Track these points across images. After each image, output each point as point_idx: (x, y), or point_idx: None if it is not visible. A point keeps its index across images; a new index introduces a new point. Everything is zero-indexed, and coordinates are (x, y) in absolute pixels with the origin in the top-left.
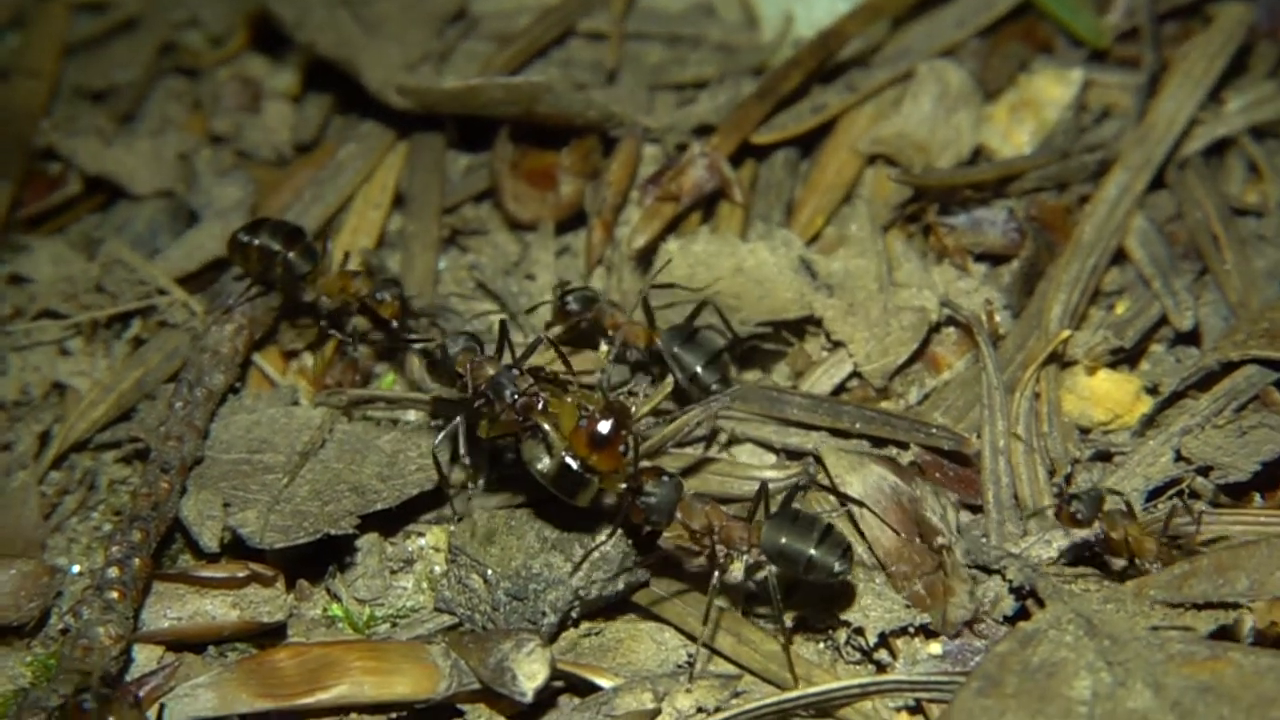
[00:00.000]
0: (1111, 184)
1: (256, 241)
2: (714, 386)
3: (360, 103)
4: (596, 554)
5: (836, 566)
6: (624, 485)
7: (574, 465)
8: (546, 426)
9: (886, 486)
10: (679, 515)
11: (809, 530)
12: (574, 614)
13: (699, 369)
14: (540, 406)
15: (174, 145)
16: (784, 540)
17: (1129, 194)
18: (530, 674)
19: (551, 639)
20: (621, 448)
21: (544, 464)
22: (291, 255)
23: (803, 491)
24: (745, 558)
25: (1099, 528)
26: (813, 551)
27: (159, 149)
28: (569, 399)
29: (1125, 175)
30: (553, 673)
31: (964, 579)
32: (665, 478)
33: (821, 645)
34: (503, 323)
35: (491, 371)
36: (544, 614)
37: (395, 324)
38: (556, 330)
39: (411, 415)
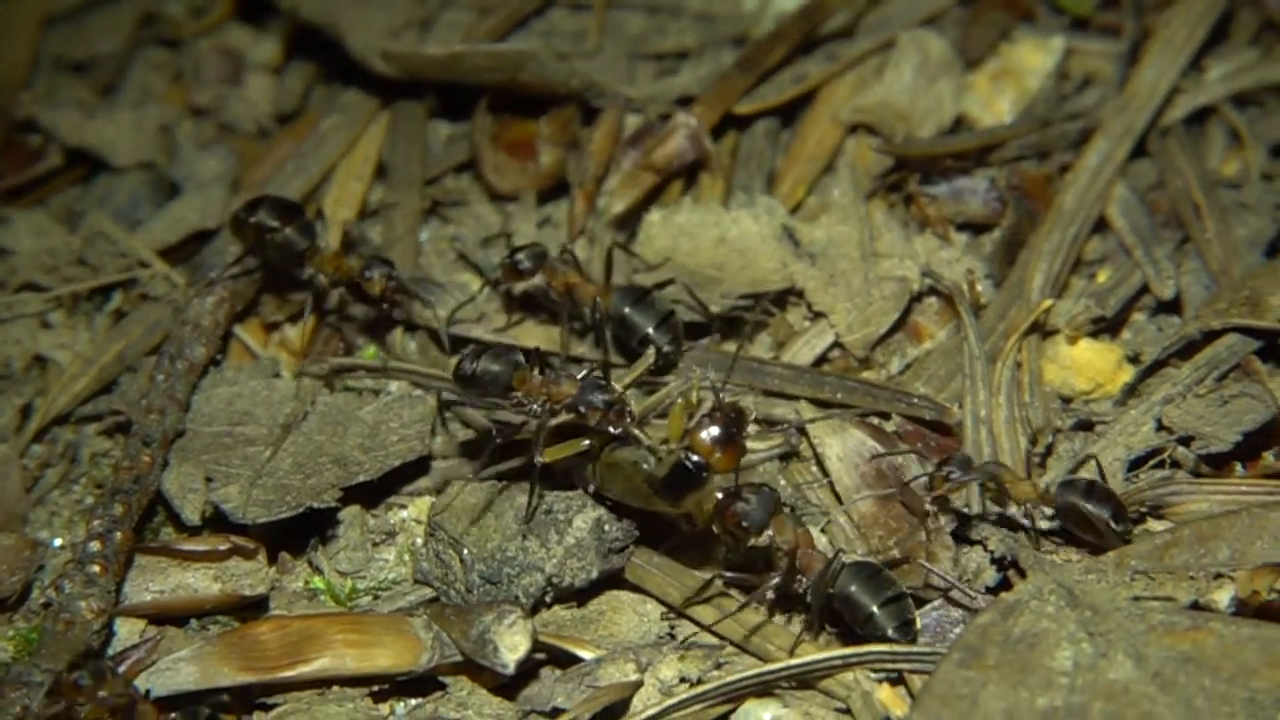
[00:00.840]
0: (1093, 153)
1: (253, 219)
2: (665, 348)
3: (342, 73)
4: (572, 540)
5: (892, 632)
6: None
7: (690, 466)
8: (640, 433)
9: (866, 451)
10: (770, 529)
11: (881, 589)
12: (547, 599)
13: (650, 330)
14: (632, 413)
15: (155, 117)
16: (854, 589)
17: (1110, 163)
18: (512, 646)
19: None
20: (741, 449)
21: (651, 464)
22: (288, 231)
23: (785, 461)
24: (807, 587)
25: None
26: (875, 610)
27: (140, 121)
28: (678, 404)
29: (1107, 144)
30: (534, 645)
31: (947, 545)
32: (764, 488)
33: (804, 616)
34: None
35: (570, 388)
36: (517, 598)
37: (384, 303)
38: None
39: (394, 386)
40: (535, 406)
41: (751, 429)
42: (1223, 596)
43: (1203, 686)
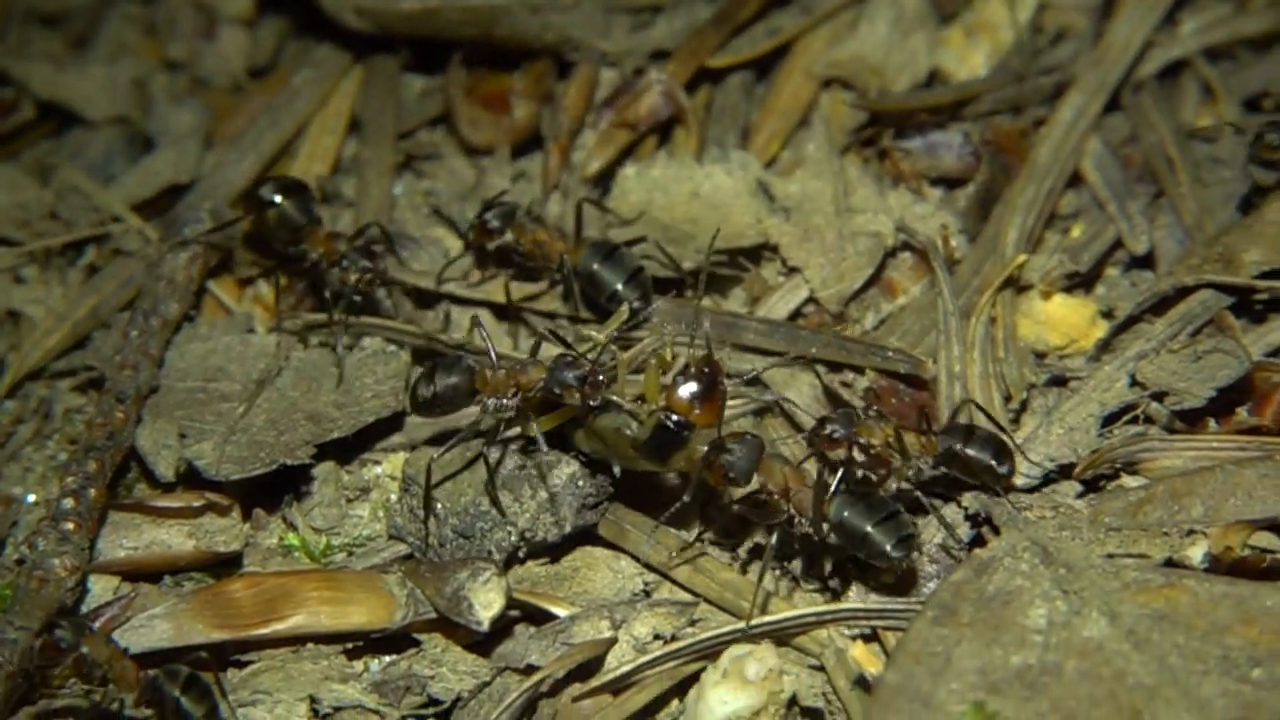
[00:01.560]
0: (1067, 107)
1: (259, 191)
2: (634, 304)
3: (315, 27)
4: (545, 495)
5: (890, 549)
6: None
7: (672, 425)
8: (620, 398)
9: (821, 398)
10: (759, 475)
11: (875, 510)
12: (520, 555)
13: (619, 286)
14: (609, 381)
15: (128, 71)
16: (847, 514)
17: (1085, 117)
18: (486, 603)
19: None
20: (721, 402)
21: (634, 428)
22: (287, 205)
23: (761, 416)
24: (808, 525)
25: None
26: (869, 529)
27: (113, 75)
28: (652, 364)
29: (1080, 98)
30: (509, 602)
31: (923, 504)
32: (748, 436)
33: (778, 574)
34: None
35: (538, 372)
36: (489, 553)
37: (356, 294)
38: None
39: (367, 342)
40: (506, 401)
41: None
42: (1196, 553)
43: (1176, 644)
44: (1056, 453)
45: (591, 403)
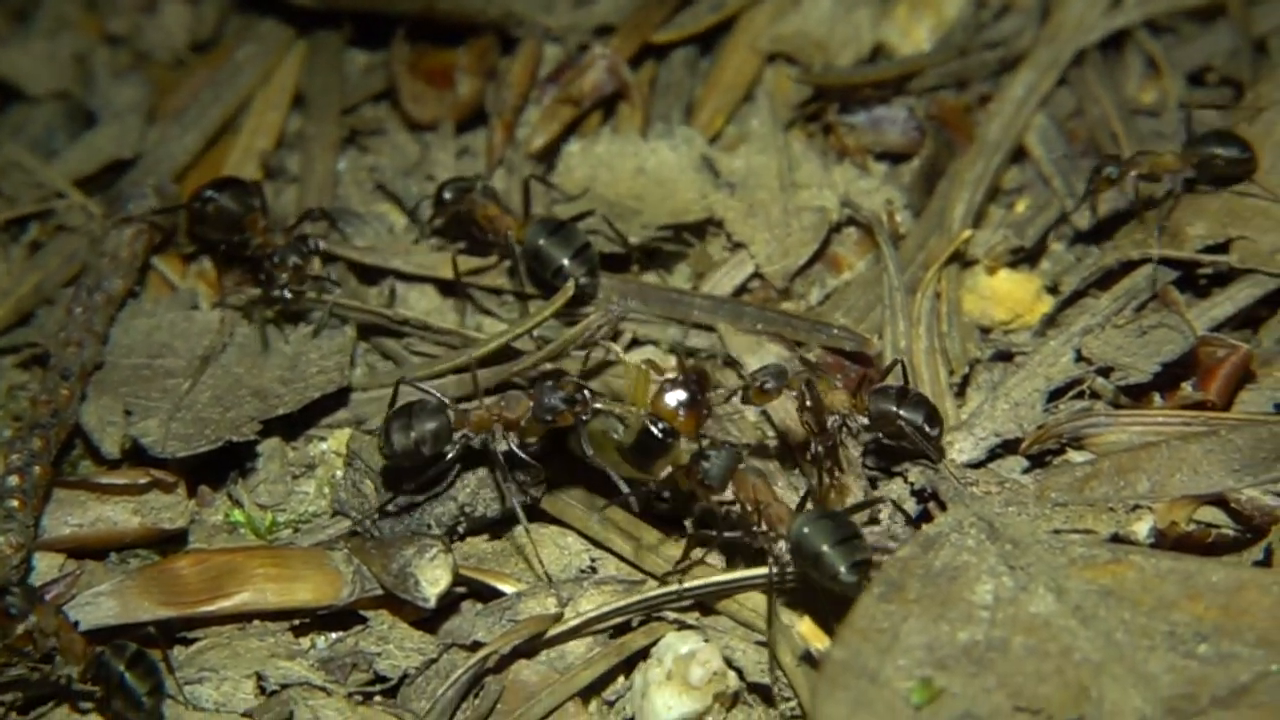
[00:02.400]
0: (1018, 84)
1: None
2: (581, 280)
3: (258, 1)
4: (485, 471)
5: (842, 571)
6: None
7: (656, 432)
8: (607, 406)
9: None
10: (733, 485)
11: (835, 531)
12: (460, 529)
13: (565, 262)
14: (592, 396)
15: (70, 45)
16: (807, 530)
17: (1035, 93)
18: (433, 580)
19: None
20: (705, 411)
21: (620, 434)
22: (222, 198)
23: (701, 376)
24: (772, 541)
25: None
26: (824, 548)
27: (54, 50)
28: (641, 370)
29: (1032, 75)
30: (455, 578)
31: (859, 476)
32: (729, 445)
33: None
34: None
35: (524, 406)
36: (429, 527)
37: (288, 291)
38: (437, 222)
39: (314, 317)
40: (485, 437)
41: (670, 360)
42: (1142, 528)
43: (1123, 620)
44: (1002, 428)
45: (584, 418)
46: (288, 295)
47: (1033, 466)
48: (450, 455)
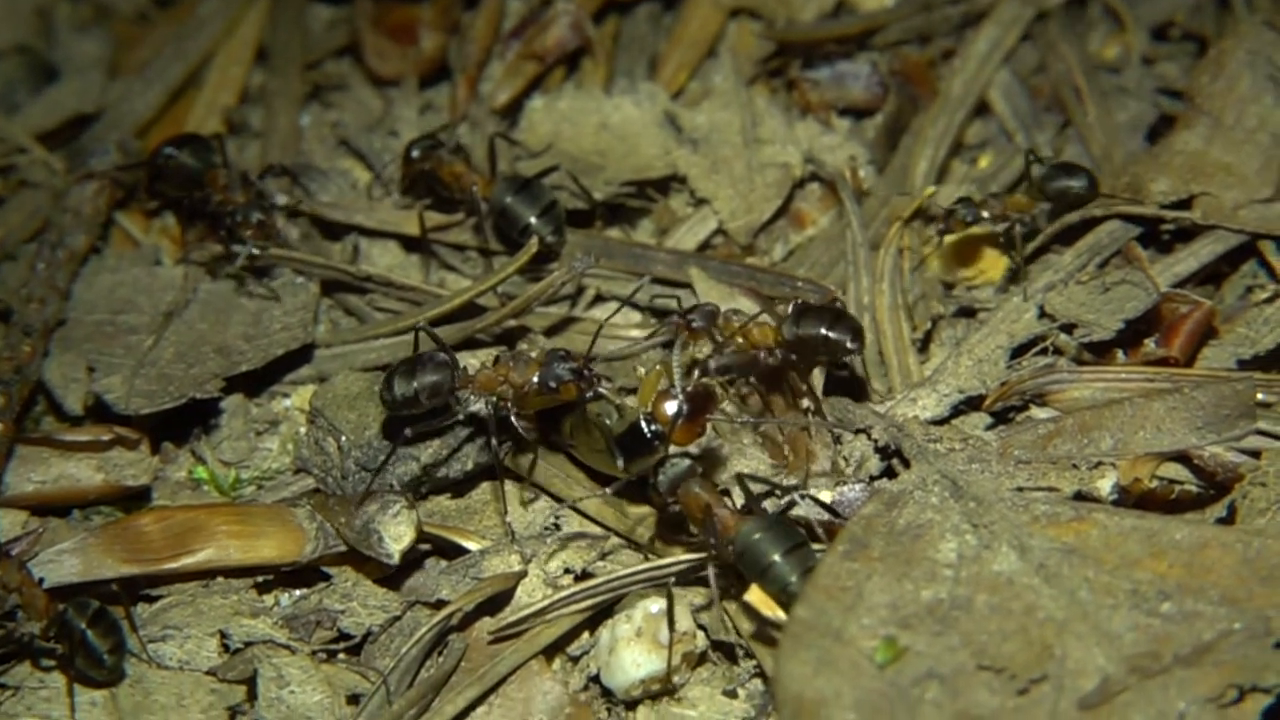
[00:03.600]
0: (981, 39)
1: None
2: (549, 238)
3: None
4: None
5: (793, 582)
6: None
7: (647, 432)
8: (610, 392)
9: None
10: (680, 492)
11: (782, 541)
12: (423, 489)
13: (532, 220)
14: (598, 378)
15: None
16: (757, 538)
17: (998, 48)
18: (396, 536)
19: None
20: (700, 429)
21: (612, 420)
22: (182, 154)
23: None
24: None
25: None
26: (775, 558)
27: (15, 3)
28: (655, 369)
29: (995, 30)
30: (419, 534)
31: (827, 443)
32: (686, 460)
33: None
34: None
35: (532, 370)
36: (391, 486)
37: (253, 247)
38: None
39: (277, 275)
40: (493, 399)
41: (634, 316)
42: (1105, 485)
43: (1086, 578)
44: (965, 384)
45: (587, 395)
46: (254, 251)
47: (996, 423)
48: (451, 412)
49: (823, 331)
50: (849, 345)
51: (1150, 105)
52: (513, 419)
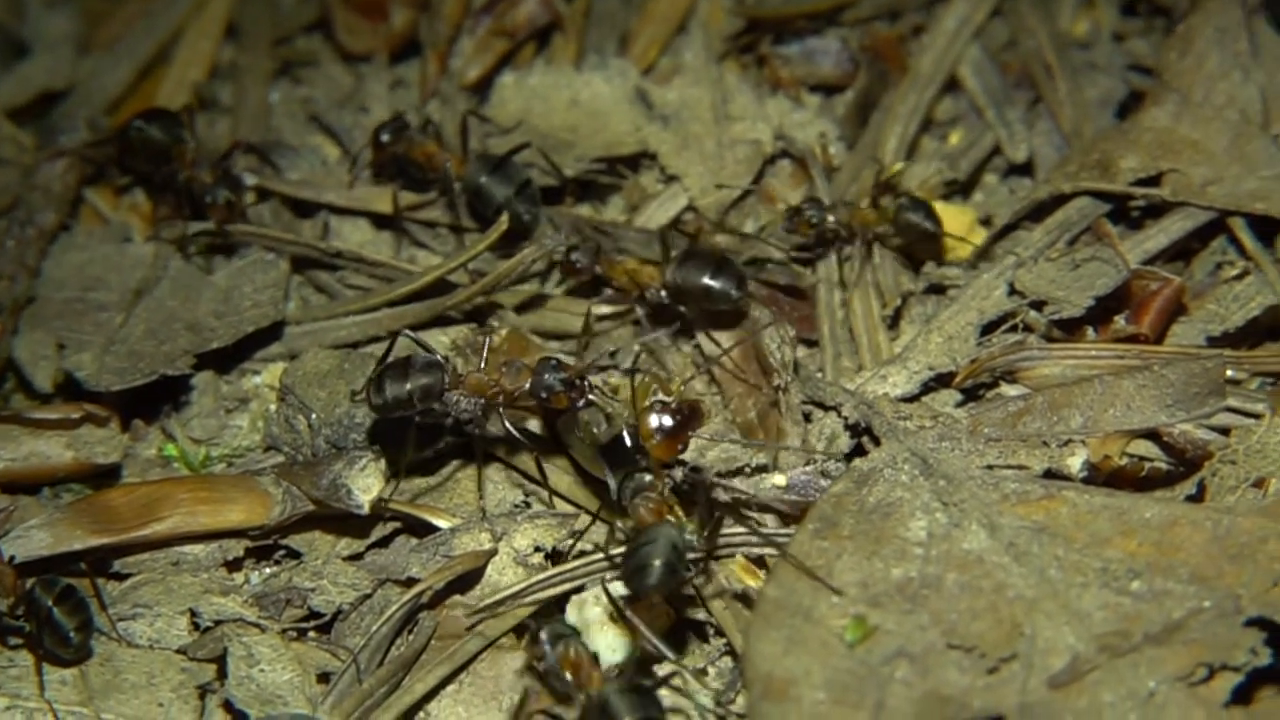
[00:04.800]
0: (951, 15)
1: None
2: (525, 217)
3: None
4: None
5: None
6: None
7: (628, 442)
8: (601, 401)
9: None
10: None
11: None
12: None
13: (507, 198)
14: (592, 387)
15: None
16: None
17: (968, 25)
18: (364, 487)
19: None
20: (681, 445)
21: (600, 429)
22: (149, 129)
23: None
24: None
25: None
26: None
27: None
28: (646, 381)
29: (965, 6)
30: (386, 485)
31: (797, 421)
32: (644, 476)
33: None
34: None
35: (524, 376)
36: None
37: (221, 225)
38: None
39: (247, 252)
40: (482, 402)
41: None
42: (1075, 462)
43: (1056, 556)
44: (935, 361)
45: (577, 405)
46: (227, 229)
47: (966, 400)
48: (441, 415)
49: (705, 280)
50: (732, 294)
51: (1120, 81)
52: (505, 423)
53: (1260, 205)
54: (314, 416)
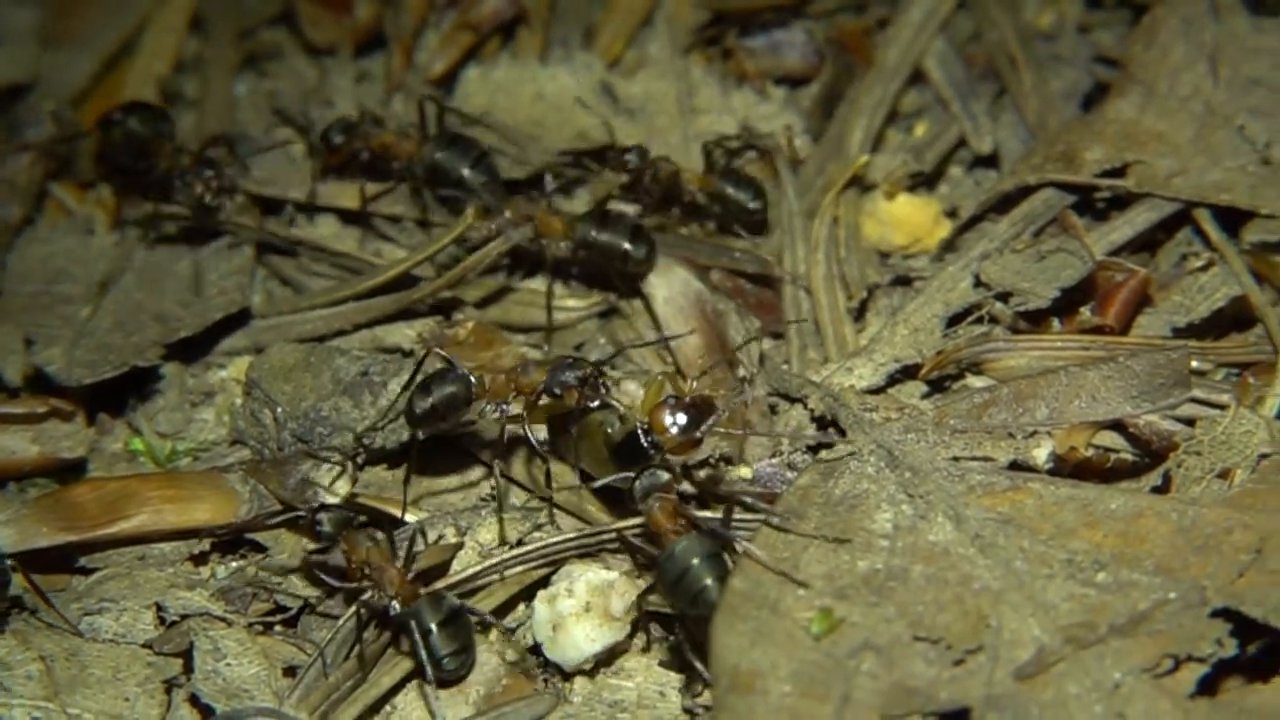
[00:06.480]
0: (916, 7)
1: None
2: (481, 189)
3: None
4: (385, 402)
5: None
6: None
7: (644, 441)
8: (614, 400)
9: (691, 292)
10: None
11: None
12: (359, 461)
13: (465, 172)
14: (605, 388)
15: None
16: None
17: (934, 17)
18: (333, 491)
19: None
20: (697, 441)
21: (613, 428)
22: (131, 122)
23: (607, 319)
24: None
25: None
26: (433, 626)
27: None
28: (656, 379)
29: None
30: (355, 488)
31: (764, 413)
32: (665, 474)
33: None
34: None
35: (539, 375)
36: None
37: (209, 203)
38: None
39: (213, 242)
40: (505, 406)
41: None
42: (1041, 453)
43: (1022, 548)
44: (901, 353)
45: (590, 404)
46: (211, 203)
47: (932, 392)
48: (467, 422)
49: (624, 245)
50: (642, 259)
51: (1085, 73)
52: (524, 429)
53: (1225, 196)
54: (280, 411)
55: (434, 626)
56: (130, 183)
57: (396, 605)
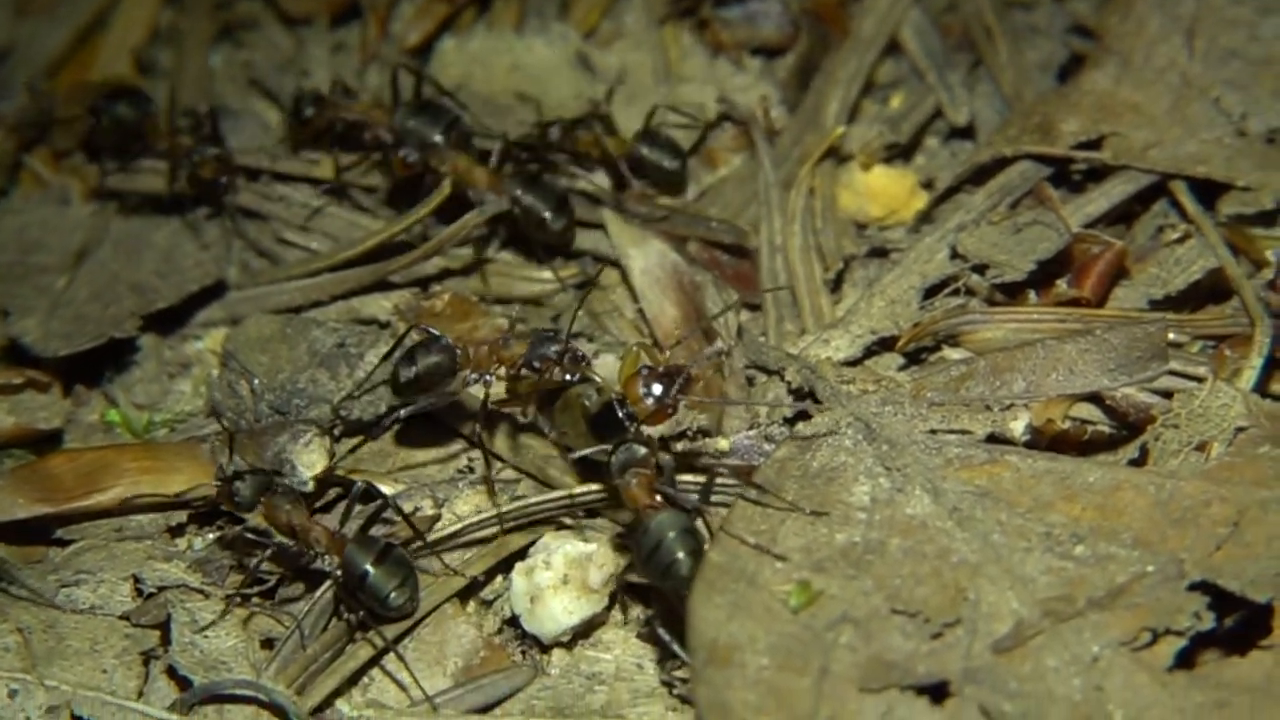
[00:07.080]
0: None
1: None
2: (446, 143)
3: None
4: (362, 374)
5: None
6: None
7: (619, 412)
8: (592, 374)
9: (668, 264)
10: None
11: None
12: (336, 432)
13: (436, 136)
14: (586, 361)
15: None
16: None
17: None
18: (309, 464)
19: None
20: (671, 411)
21: (590, 400)
22: (118, 108)
23: (583, 289)
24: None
25: None
26: (369, 568)
27: None
28: (633, 350)
29: None
30: (331, 460)
31: (740, 386)
32: (635, 449)
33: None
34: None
35: (520, 348)
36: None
37: (217, 181)
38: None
39: (186, 211)
40: (487, 376)
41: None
42: (1018, 426)
43: (999, 521)
44: (878, 325)
45: (569, 377)
46: (221, 182)
47: (908, 364)
48: (454, 391)
49: (544, 213)
50: (559, 230)
51: (1061, 44)
52: (507, 405)
53: (1201, 168)
54: (256, 382)
55: (369, 567)
56: (122, 164)
57: (329, 561)
